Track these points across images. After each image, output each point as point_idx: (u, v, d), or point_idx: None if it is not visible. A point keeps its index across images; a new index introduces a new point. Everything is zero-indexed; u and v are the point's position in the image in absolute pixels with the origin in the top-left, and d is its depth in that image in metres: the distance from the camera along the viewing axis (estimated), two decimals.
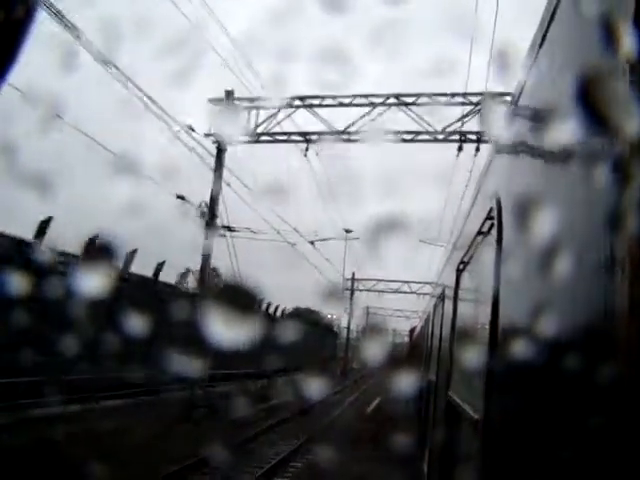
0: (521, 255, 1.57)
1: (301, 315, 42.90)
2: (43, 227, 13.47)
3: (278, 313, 32.55)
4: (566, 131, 1.17)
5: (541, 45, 1.58)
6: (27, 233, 13.55)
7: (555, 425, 1.10)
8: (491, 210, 2.15)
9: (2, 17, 0.91)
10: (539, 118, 1.55)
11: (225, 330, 11.02)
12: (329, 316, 56.45)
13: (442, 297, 5.15)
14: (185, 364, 14.25)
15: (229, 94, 16.62)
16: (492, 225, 2.12)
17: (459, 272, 3.47)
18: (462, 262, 3.31)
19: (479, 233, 2.56)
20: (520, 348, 1.51)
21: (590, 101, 1.06)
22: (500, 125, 2.42)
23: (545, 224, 1.30)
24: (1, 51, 0.94)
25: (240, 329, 11.68)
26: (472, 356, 2.62)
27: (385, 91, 15.47)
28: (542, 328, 1.29)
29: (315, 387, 20.07)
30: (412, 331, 23.11)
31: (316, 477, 10.90)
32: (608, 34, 0.96)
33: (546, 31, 1.51)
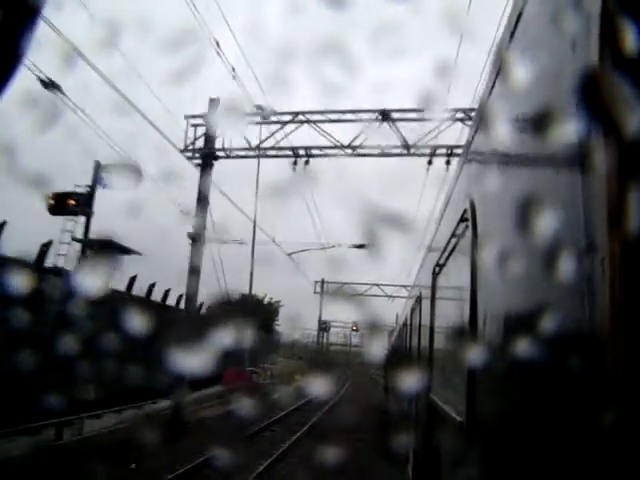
0: (496, 255, 1.57)
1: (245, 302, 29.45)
2: None
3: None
4: (535, 130, 1.18)
5: (508, 42, 1.60)
6: None
7: (533, 421, 1.10)
8: (465, 212, 2.16)
9: (0, 16, 0.86)
10: (507, 119, 1.56)
11: None
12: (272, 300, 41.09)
13: (419, 300, 5.17)
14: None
15: (212, 102, 15.49)
16: (467, 227, 2.13)
17: (435, 275, 3.49)
18: (438, 264, 3.32)
19: (453, 235, 2.57)
20: (498, 348, 1.51)
21: (555, 104, 1.07)
22: (471, 127, 2.44)
23: (519, 224, 1.30)
24: (1, 52, 0.89)
25: None
26: (451, 358, 2.62)
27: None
28: (520, 328, 1.29)
29: None
30: (391, 333, 23.17)
31: None
32: (574, 39, 0.97)
33: (513, 32, 1.53)
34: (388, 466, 7.03)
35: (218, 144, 15.61)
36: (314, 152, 15.54)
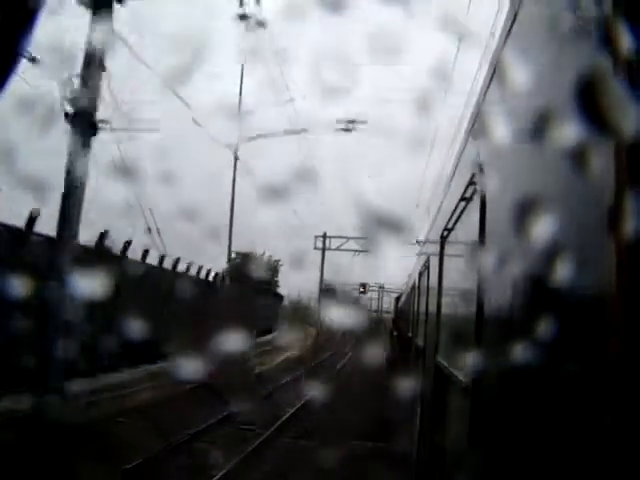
0: (505, 221, 1.55)
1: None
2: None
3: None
4: (548, 95, 1.15)
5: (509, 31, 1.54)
6: None
7: (539, 390, 1.11)
8: (474, 176, 2.13)
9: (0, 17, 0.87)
10: (520, 80, 1.52)
11: None
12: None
13: (428, 264, 5.18)
14: None
15: None
16: (475, 191, 2.10)
17: (443, 239, 3.48)
18: (446, 229, 3.31)
19: (462, 199, 2.55)
20: (505, 314, 1.51)
21: (555, 97, 1.03)
22: (482, 83, 2.39)
23: (528, 190, 1.28)
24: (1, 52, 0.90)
25: None
26: (458, 322, 2.64)
27: None
28: (527, 294, 1.29)
29: None
30: (398, 299, 23.33)
31: None
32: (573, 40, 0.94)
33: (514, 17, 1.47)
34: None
35: None
36: None
